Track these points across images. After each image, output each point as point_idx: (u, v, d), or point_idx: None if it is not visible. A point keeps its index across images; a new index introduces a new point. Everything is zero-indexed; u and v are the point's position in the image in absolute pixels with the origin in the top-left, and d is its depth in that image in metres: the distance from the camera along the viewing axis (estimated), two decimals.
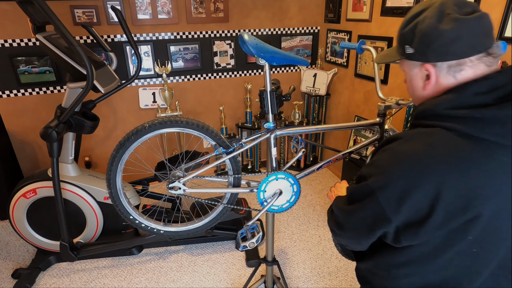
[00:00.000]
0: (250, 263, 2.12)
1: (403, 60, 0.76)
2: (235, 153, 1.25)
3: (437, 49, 0.67)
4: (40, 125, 1.74)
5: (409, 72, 0.77)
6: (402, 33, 0.73)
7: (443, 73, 0.69)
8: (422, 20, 0.68)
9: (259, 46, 1.07)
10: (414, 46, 0.70)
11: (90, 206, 2.00)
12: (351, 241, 0.81)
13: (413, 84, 0.77)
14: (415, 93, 0.78)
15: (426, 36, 0.67)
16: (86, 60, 1.46)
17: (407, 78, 0.79)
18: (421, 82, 0.74)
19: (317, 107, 3.13)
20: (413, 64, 0.74)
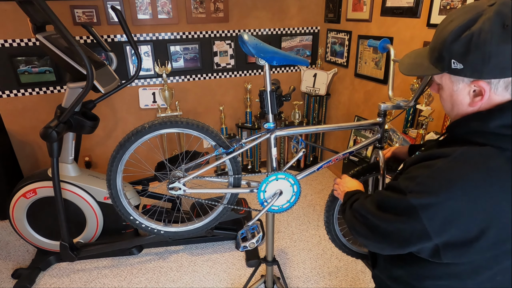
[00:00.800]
0: (250, 263, 2.12)
1: (444, 73, 0.69)
2: (235, 154, 1.25)
3: (495, 65, 0.60)
4: (40, 125, 1.74)
5: (450, 87, 0.69)
6: (450, 47, 0.64)
7: (499, 90, 0.63)
8: (478, 33, 0.60)
9: (259, 46, 1.07)
10: (466, 62, 0.63)
11: (90, 206, 2.00)
12: (375, 245, 0.79)
13: (454, 99, 0.70)
14: (456, 109, 0.71)
15: (485, 53, 0.60)
16: (86, 60, 1.46)
17: (446, 93, 0.71)
18: (468, 98, 0.68)
19: (317, 107, 3.13)
20: (459, 79, 0.67)
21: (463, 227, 0.63)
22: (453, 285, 0.73)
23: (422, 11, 1.99)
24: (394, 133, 2.07)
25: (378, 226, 0.74)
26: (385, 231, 0.72)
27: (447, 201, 0.63)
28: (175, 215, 2.10)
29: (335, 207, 1.39)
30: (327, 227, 1.43)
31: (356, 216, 0.82)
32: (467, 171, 0.63)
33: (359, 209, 0.82)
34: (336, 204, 1.39)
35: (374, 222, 0.75)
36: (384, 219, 0.72)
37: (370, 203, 0.78)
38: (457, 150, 0.66)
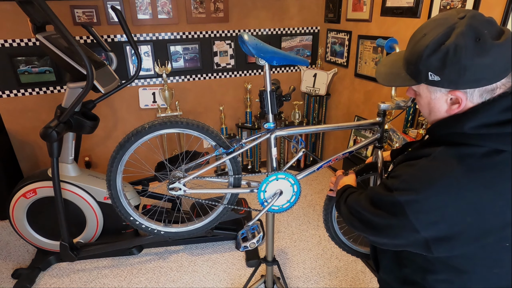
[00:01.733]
0: (250, 263, 2.12)
1: (422, 84, 0.72)
2: (235, 154, 1.25)
3: (470, 77, 0.64)
4: (40, 125, 1.74)
5: (428, 95, 0.73)
6: (426, 61, 0.67)
7: (474, 98, 0.67)
8: (453, 48, 0.63)
9: (259, 46, 1.07)
10: (443, 75, 0.66)
11: (90, 206, 2.00)
12: (372, 238, 0.83)
13: (432, 106, 0.74)
14: (433, 115, 0.76)
15: (461, 67, 0.63)
16: (86, 60, 1.46)
17: (423, 100, 0.75)
18: (445, 106, 0.71)
19: (317, 107, 3.13)
20: (436, 89, 0.70)
21: (448, 221, 0.67)
22: (454, 279, 0.76)
23: (422, 11, 1.99)
24: (394, 133, 2.07)
25: (372, 220, 0.78)
26: (378, 226, 0.77)
27: (430, 197, 0.67)
28: (175, 215, 2.10)
29: (333, 205, 1.39)
30: (326, 225, 1.43)
31: (352, 211, 0.86)
32: (448, 168, 0.67)
33: (354, 204, 0.86)
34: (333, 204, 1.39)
35: (368, 217, 0.80)
36: (376, 214, 0.77)
37: (364, 199, 0.83)
38: (437, 150, 0.70)
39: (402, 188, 0.71)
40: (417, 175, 0.70)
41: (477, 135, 0.67)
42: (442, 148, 0.70)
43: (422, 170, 0.70)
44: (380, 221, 0.76)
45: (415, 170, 0.71)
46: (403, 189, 0.71)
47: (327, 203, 1.40)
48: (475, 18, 0.63)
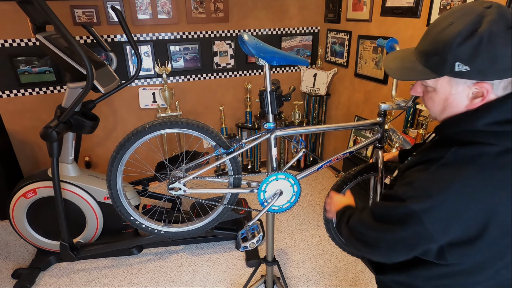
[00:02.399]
0: (250, 263, 2.12)
1: (443, 77, 0.67)
2: (235, 154, 1.25)
3: (501, 67, 0.61)
4: (40, 125, 1.74)
5: (448, 90, 0.68)
6: (457, 50, 0.63)
7: (499, 90, 0.65)
8: (487, 35, 0.60)
9: (259, 46, 1.07)
10: (473, 64, 0.62)
11: (90, 206, 2.00)
12: (381, 257, 0.79)
13: (450, 102, 0.70)
14: (448, 111, 0.71)
15: (493, 56, 0.60)
16: (86, 60, 1.46)
17: (439, 96, 0.71)
18: (466, 100, 0.68)
19: (317, 107, 3.13)
20: (459, 82, 0.66)
21: (465, 225, 0.64)
22: (458, 282, 0.74)
23: (422, 11, 1.99)
24: (394, 133, 2.07)
25: (381, 239, 0.74)
26: (390, 243, 0.72)
27: (446, 201, 0.64)
28: (175, 215, 2.10)
29: None
30: (327, 226, 1.43)
31: (355, 234, 0.82)
32: (462, 170, 0.64)
33: (357, 225, 0.82)
34: None
35: (375, 236, 0.75)
36: (385, 230, 0.73)
37: (367, 217, 0.78)
38: (448, 151, 0.67)
39: (416, 196, 0.67)
40: (431, 180, 0.67)
41: (490, 133, 0.64)
42: (454, 150, 0.67)
43: (435, 175, 0.67)
44: (392, 236, 0.71)
45: (428, 175, 0.68)
46: (417, 196, 0.67)
47: None
48: (501, 7, 0.62)
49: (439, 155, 0.68)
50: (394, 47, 1.26)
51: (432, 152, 0.71)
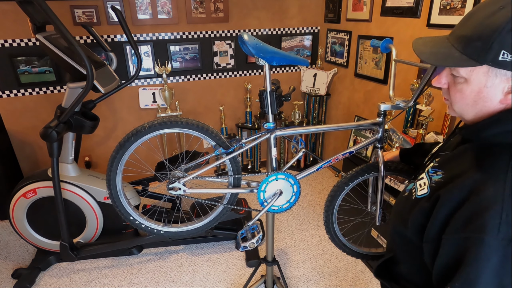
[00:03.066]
0: (250, 263, 2.12)
1: (481, 66, 0.61)
2: (235, 154, 1.25)
3: None
4: (40, 125, 1.74)
5: (483, 81, 0.62)
6: (506, 36, 0.56)
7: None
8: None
9: (259, 46, 1.07)
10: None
11: (90, 206, 2.00)
12: None
13: (483, 95, 0.63)
14: (480, 106, 0.64)
15: None
16: (86, 60, 1.46)
17: (471, 88, 0.64)
18: (499, 95, 0.61)
19: (317, 107, 3.13)
20: (499, 73, 0.60)
21: None
22: None
23: (422, 11, 1.99)
24: (394, 133, 2.07)
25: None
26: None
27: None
28: (175, 215, 2.10)
29: (334, 207, 1.39)
30: (327, 227, 1.43)
31: None
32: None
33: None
34: (335, 204, 1.39)
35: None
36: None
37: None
38: (509, 163, 0.58)
39: None
40: None
41: None
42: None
43: None
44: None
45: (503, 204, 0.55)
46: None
47: (328, 204, 1.39)
48: None
49: (498, 169, 0.58)
50: (389, 48, 1.26)
51: (479, 166, 0.61)
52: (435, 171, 0.72)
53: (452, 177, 0.65)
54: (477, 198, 0.57)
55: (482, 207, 0.56)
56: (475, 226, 0.56)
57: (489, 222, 0.54)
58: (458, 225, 0.58)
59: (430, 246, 0.64)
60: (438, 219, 0.62)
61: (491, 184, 0.57)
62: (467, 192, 0.60)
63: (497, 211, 0.55)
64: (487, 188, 0.57)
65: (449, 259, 0.59)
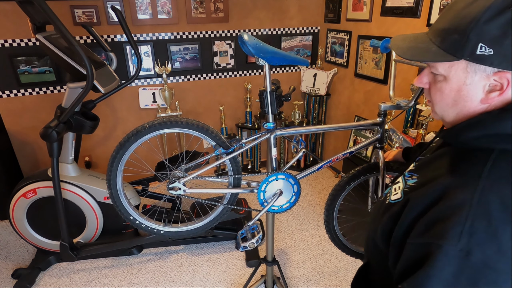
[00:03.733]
0: (250, 263, 2.12)
1: (459, 61, 0.56)
2: (235, 154, 1.25)
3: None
4: (40, 125, 1.74)
5: (462, 79, 0.57)
6: (483, 27, 0.52)
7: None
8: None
9: (259, 46, 1.07)
10: (499, 47, 0.51)
11: (90, 206, 2.00)
12: None
13: (463, 94, 0.58)
14: (461, 106, 0.60)
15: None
16: (86, 60, 1.46)
17: (450, 86, 0.59)
18: (480, 94, 0.57)
19: (317, 107, 3.13)
20: (478, 69, 0.55)
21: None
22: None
23: (422, 11, 1.99)
24: (394, 133, 2.07)
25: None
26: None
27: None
28: (175, 215, 2.10)
29: (335, 207, 1.39)
30: (327, 227, 1.43)
31: None
32: None
33: None
34: (336, 204, 1.39)
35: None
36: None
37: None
38: (484, 166, 0.53)
39: (477, 243, 0.49)
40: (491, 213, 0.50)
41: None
42: (492, 163, 0.53)
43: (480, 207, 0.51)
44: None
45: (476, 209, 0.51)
46: (478, 243, 0.49)
47: (329, 204, 1.39)
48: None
49: (470, 175, 0.54)
50: (389, 48, 1.25)
51: (452, 171, 0.57)
52: (410, 175, 0.68)
53: (425, 181, 0.61)
54: (444, 203, 0.54)
55: (447, 213, 0.52)
56: (436, 232, 0.52)
57: (450, 229, 0.51)
58: (421, 230, 0.55)
59: (394, 250, 0.61)
60: (404, 223, 0.59)
61: (460, 190, 0.53)
62: (436, 197, 0.56)
63: (461, 219, 0.51)
64: (456, 195, 0.53)
65: (409, 263, 0.56)
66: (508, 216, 0.49)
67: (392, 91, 1.28)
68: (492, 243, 0.49)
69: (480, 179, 0.52)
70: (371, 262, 0.79)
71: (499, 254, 0.49)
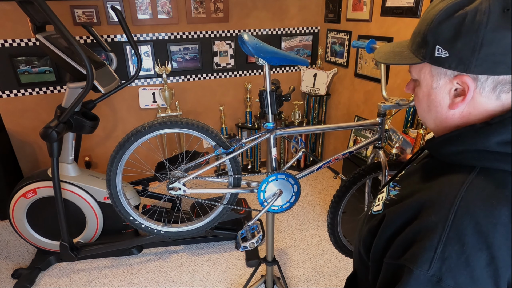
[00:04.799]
0: (250, 263, 2.12)
1: (424, 64, 0.56)
2: (235, 154, 1.25)
3: (487, 56, 0.48)
4: (40, 125, 1.74)
5: (430, 83, 0.57)
6: (436, 28, 0.52)
7: (485, 91, 0.51)
8: (473, 13, 0.48)
9: (258, 46, 1.07)
10: (453, 49, 0.51)
11: (90, 206, 2.00)
12: None
13: (433, 99, 0.58)
14: (434, 111, 0.59)
15: (477, 37, 0.48)
16: (86, 60, 1.46)
17: (423, 91, 0.59)
18: (447, 99, 0.56)
19: (317, 107, 3.13)
20: (441, 73, 0.54)
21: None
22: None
23: (422, 11, 1.99)
24: (394, 133, 2.07)
25: None
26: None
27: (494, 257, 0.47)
28: (175, 215, 2.10)
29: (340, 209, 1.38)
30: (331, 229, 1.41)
31: None
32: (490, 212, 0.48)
33: None
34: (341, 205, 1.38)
35: None
36: None
37: None
38: (461, 187, 0.50)
39: (449, 269, 0.48)
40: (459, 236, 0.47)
41: (505, 155, 0.50)
42: (470, 182, 0.51)
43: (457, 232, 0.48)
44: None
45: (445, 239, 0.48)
46: (450, 270, 0.47)
47: (334, 206, 1.37)
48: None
49: (446, 194, 0.51)
50: (374, 48, 1.25)
51: (430, 187, 0.54)
52: (394, 185, 0.64)
53: (403, 195, 0.59)
54: (418, 223, 0.51)
55: (420, 235, 0.50)
56: (409, 255, 0.50)
57: (423, 254, 0.48)
58: (397, 251, 0.53)
59: (374, 266, 0.60)
60: (381, 240, 0.57)
61: (436, 210, 0.50)
62: (411, 216, 0.53)
63: (433, 243, 0.48)
64: (431, 215, 0.50)
65: (385, 282, 0.54)
66: (482, 242, 0.46)
67: (385, 91, 1.28)
68: (464, 270, 0.47)
69: (455, 199, 0.49)
70: (357, 272, 0.76)
71: (471, 282, 0.47)
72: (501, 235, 0.47)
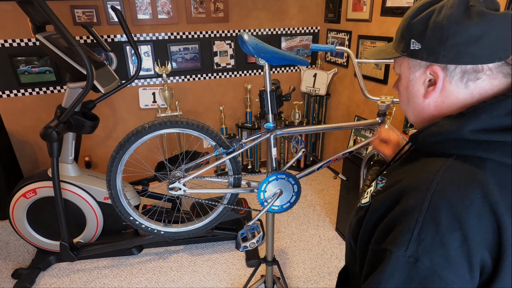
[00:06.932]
0: (250, 263, 2.12)
1: (403, 58, 0.62)
2: (235, 154, 1.25)
3: (452, 47, 0.54)
4: (40, 125, 1.74)
5: (408, 75, 0.62)
6: (410, 24, 0.59)
7: (454, 79, 0.56)
8: (439, 9, 0.55)
9: (259, 46, 1.07)
10: (424, 41, 0.57)
11: (90, 206, 2.00)
12: None
13: (410, 91, 0.63)
14: (411, 103, 0.63)
15: (442, 30, 0.54)
16: (86, 60, 1.46)
17: (403, 84, 0.64)
18: (422, 89, 0.61)
19: (317, 107, 3.13)
20: (416, 65, 0.60)
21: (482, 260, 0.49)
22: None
23: None
24: None
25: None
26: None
27: (467, 237, 0.49)
28: (175, 215, 2.10)
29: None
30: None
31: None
32: (464, 195, 0.50)
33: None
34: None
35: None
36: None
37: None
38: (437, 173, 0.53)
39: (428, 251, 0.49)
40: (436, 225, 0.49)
41: (479, 143, 0.53)
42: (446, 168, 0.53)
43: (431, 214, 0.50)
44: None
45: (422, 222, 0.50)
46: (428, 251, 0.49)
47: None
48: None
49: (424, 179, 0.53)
50: (341, 51, 1.27)
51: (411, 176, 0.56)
52: (381, 178, 0.66)
53: (388, 186, 0.60)
54: (399, 208, 0.53)
55: (399, 219, 0.52)
56: (390, 238, 0.52)
57: (401, 236, 0.50)
58: (379, 236, 0.55)
59: (361, 254, 0.61)
60: (367, 229, 0.59)
61: (414, 194, 0.53)
62: (393, 201, 0.56)
63: (410, 225, 0.50)
64: (410, 199, 0.53)
65: (369, 268, 0.56)
66: (455, 223, 0.48)
67: (366, 91, 1.29)
68: (439, 250, 0.48)
69: (432, 183, 0.52)
70: (349, 266, 0.77)
71: (446, 262, 0.48)
72: (474, 216, 0.48)
